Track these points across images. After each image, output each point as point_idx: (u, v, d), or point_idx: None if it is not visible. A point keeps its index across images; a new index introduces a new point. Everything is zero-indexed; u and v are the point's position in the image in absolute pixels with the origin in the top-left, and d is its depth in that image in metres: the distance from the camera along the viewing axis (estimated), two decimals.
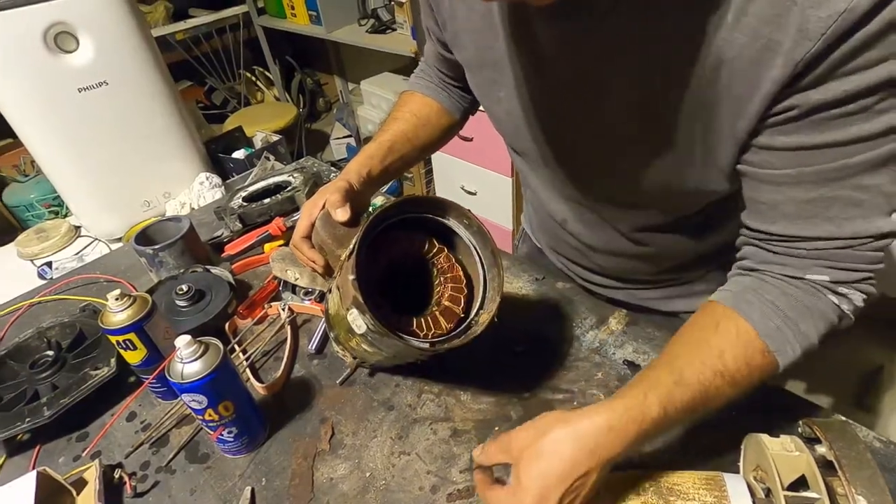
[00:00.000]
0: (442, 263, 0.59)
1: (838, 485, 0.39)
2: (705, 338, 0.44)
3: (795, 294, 0.43)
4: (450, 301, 0.57)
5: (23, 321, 0.86)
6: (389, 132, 0.71)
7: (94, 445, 0.64)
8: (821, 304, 0.43)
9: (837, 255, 0.42)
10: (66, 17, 0.99)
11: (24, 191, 1.73)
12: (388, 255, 0.57)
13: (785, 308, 0.43)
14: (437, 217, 0.58)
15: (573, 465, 0.39)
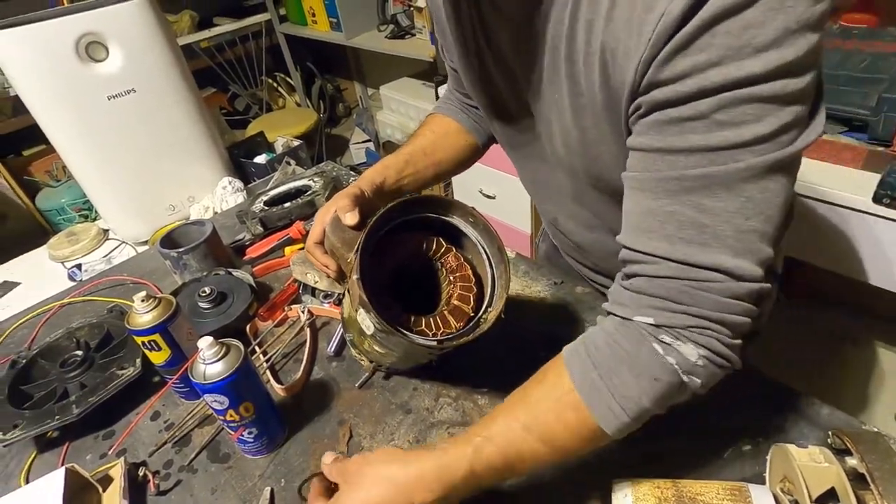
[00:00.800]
0: (450, 263, 0.59)
1: (871, 499, 0.38)
2: (529, 391, 0.42)
3: (619, 342, 0.39)
4: (459, 300, 0.57)
5: (54, 321, 0.89)
6: (408, 147, 0.73)
7: (119, 443, 0.65)
8: (643, 356, 0.38)
9: (671, 290, 0.37)
10: (97, 27, 1.02)
11: (56, 195, 1.79)
12: (395, 256, 0.58)
13: (605, 359, 0.39)
14: (442, 217, 0.59)
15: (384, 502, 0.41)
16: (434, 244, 0.59)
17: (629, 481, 0.45)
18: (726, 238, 0.36)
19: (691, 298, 0.37)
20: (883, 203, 0.87)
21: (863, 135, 0.97)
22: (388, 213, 0.55)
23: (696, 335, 0.37)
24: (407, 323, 0.54)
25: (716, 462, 0.53)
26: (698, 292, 0.37)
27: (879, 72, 0.94)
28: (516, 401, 0.42)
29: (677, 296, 0.37)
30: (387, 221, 0.56)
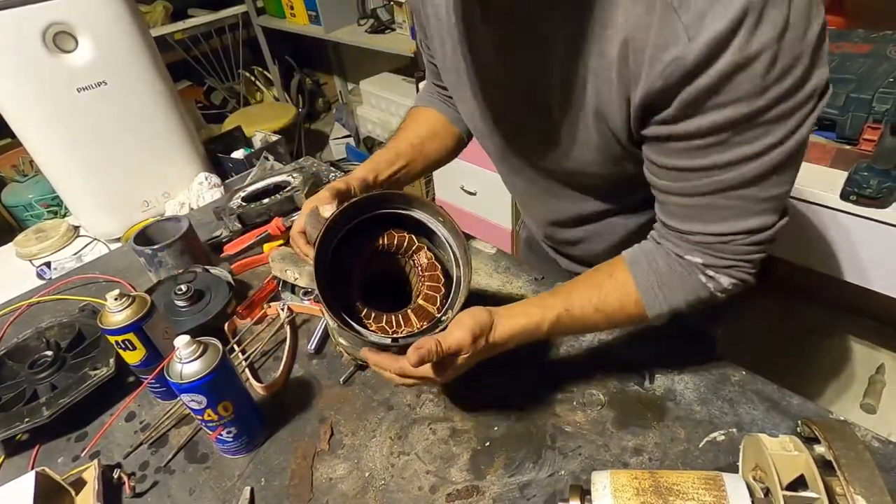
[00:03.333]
0: (421, 261, 0.59)
1: (837, 484, 0.39)
2: (599, 281, 0.55)
3: (675, 268, 0.52)
4: (424, 299, 0.57)
5: (22, 321, 0.86)
6: (395, 141, 0.73)
7: (93, 445, 0.64)
8: (692, 279, 0.52)
9: (711, 246, 0.50)
10: (64, 17, 0.99)
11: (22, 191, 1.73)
12: (364, 252, 0.58)
13: (664, 275, 0.52)
14: (412, 213, 0.59)
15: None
16: (406, 241, 0.59)
17: (608, 472, 0.46)
18: (750, 209, 0.46)
19: (727, 251, 0.49)
20: (850, 200, 0.90)
21: (831, 133, 1.00)
22: (352, 208, 0.55)
23: (731, 271, 0.50)
24: (367, 319, 0.55)
25: (691, 453, 0.55)
26: (732, 247, 0.49)
27: (847, 72, 0.97)
28: (591, 287, 0.55)
29: (716, 250, 0.50)
30: (353, 216, 0.56)
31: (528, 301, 0.56)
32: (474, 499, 0.54)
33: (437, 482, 0.55)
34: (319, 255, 0.53)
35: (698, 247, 0.50)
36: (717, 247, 0.49)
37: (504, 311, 0.53)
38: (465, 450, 0.58)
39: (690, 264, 0.51)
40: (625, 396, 0.62)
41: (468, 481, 0.55)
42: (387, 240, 0.58)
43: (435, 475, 0.56)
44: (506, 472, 0.56)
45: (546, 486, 0.54)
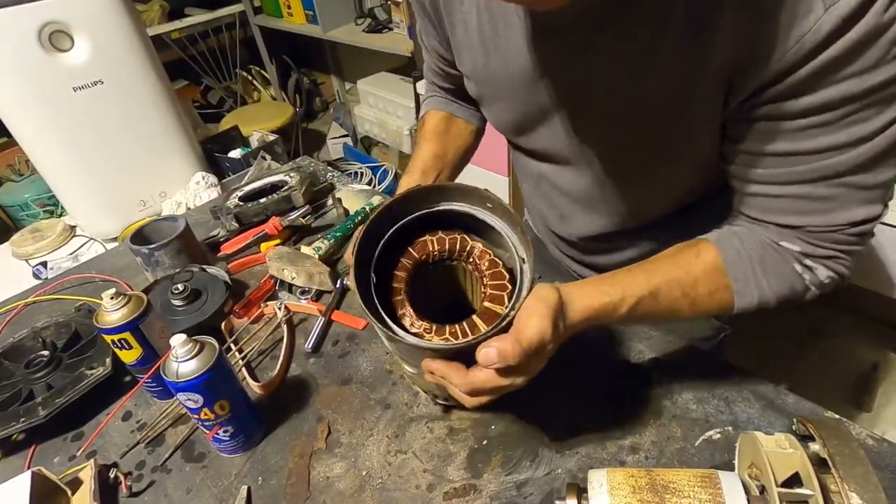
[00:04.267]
0: (479, 261, 0.53)
1: (832, 482, 0.39)
2: (686, 263, 0.49)
3: (770, 254, 0.48)
4: (491, 301, 0.50)
5: (18, 321, 0.86)
6: (419, 158, 0.72)
7: (89, 445, 0.63)
8: (787, 269, 0.47)
9: (811, 234, 0.46)
10: (60, 15, 0.99)
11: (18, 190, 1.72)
12: (413, 264, 0.52)
13: (757, 261, 0.47)
14: (454, 207, 0.53)
15: None
16: (458, 243, 0.53)
17: (604, 471, 0.46)
18: (856, 198, 0.42)
19: (828, 239, 0.45)
20: None
21: None
22: (386, 211, 0.50)
23: (830, 262, 0.47)
24: (427, 333, 0.49)
25: (687, 451, 0.55)
26: (836, 236, 0.45)
27: None
28: (677, 268, 0.49)
29: (816, 237, 0.46)
30: (391, 220, 0.51)
31: (600, 278, 0.49)
32: (471, 497, 0.54)
33: (435, 481, 0.56)
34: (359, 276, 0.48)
35: (796, 232, 0.46)
36: (817, 234, 0.45)
37: (575, 289, 0.46)
38: (462, 448, 0.58)
39: (786, 251, 0.47)
40: (621, 395, 0.62)
41: (465, 480, 0.55)
42: (436, 244, 0.53)
43: (432, 474, 0.56)
44: (503, 470, 0.56)
45: (543, 484, 0.54)
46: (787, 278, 0.47)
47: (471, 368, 0.44)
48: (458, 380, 0.44)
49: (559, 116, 0.56)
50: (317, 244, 0.89)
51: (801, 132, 0.40)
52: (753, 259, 0.48)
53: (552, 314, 0.42)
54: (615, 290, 0.47)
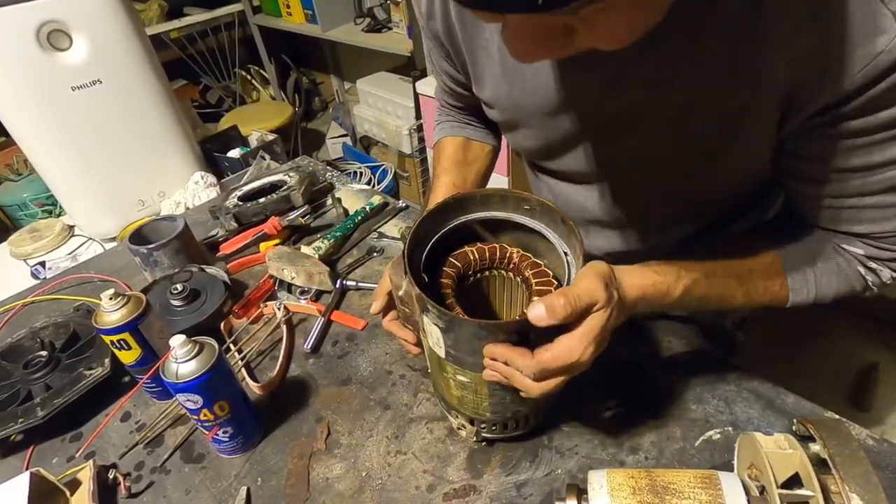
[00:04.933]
0: (517, 264, 0.52)
1: (832, 483, 0.39)
2: (743, 252, 0.49)
3: (831, 255, 0.48)
4: (539, 296, 0.47)
5: (16, 321, 0.86)
6: (439, 190, 0.70)
7: (88, 446, 0.63)
8: (850, 270, 0.47)
9: (876, 238, 0.46)
10: (59, 15, 0.98)
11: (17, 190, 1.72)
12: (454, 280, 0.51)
13: (818, 259, 0.48)
14: (492, 214, 0.52)
15: None
16: (497, 251, 0.52)
17: (604, 471, 0.46)
18: None
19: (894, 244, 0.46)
20: None
21: None
22: (425, 224, 0.50)
23: (894, 264, 0.47)
24: None
25: (687, 452, 0.55)
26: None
27: None
28: (732, 255, 0.49)
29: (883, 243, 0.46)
30: (431, 232, 0.51)
31: (655, 261, 0.47)
32: (471, 498, 0.54)
33: (435, 481, 0.55)
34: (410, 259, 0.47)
35: (861, 237, 0.46)
36: (883, 239, 0.46)
37: (629, 267, 0.45)
38: (461, 449, 0.58)
39: (850, 254, 0.48)
40: (621, 395, 0.62)
41: (465, 480, 0.55)
42: (476, 254, 0.52)
43: (432, 474, 0.56)
44: (503, 471, 0.56)
45: (543, 485, 0.54)
46: (849, 279, 0.48)
47: (537, 349, 0.42)
48: (524, 362, 0.41)
49: (586, 144, 0.56)
50: (316, 244, 0.89)
51: (873, 147, 0.40)
52: (813, 257, 0.48)
53: (603, 277, 0.41)
54: (669, 269, 0.46)
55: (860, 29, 0.35)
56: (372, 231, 0.97)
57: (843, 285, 0.48)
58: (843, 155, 0.42)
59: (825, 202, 0.46)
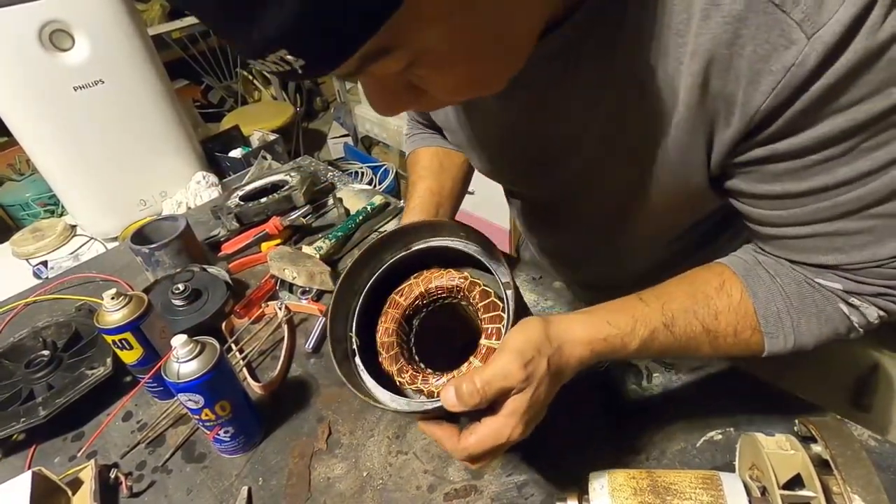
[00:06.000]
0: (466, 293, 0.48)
1: (834, 483, 0.39)
2: (706, 292, 0.43)
3: (808, 292, 0.42)
4: (489, 337, 0.45)
5: (18, 321, 0.86)
6: (416, 196, 0.68)
7: (89, 445, 0.63)
8: (830, 308, 0.41)
9: (851, 271, 0.40)
10: (61, 15, 0.99)
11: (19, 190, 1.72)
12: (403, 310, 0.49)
13: (793, 298, 0.42)
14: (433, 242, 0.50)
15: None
16: (444, 277, 0.49)
17: (605, 472, 0.46)
18: (892, 230, 0.37)
19: (875, 274, 0.39)
20: None
21: None
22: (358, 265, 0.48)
23: (880, 301, 0.41)
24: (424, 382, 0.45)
25: (688, 452, 0.55)
26: (882, 270, 0.39)
27: None
28: (694, 297, 0.43)
29: (860, 274, 0.40)
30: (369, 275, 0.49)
31: (608, 307, 0.44)
32: (472, 498, 0.54)
33: (436, 481, 0.55)
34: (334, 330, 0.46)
35: (835, 270, 0.40)
36: (859, 271, 0.39)
37: (575, 321, 0.42)
38: None
39: (827, 290, 0.41)
40: (622, 395, 0.62)
41: (466, 481, 0.55)
42: (422, 285, 0.49)
43: (433, 474, 0.56)
44: (503, 471, 0.56)
45: (544, 485, 0.54)
46: (832, 321, 0.41)
47: (463, 431, 0.41)
48: (451, 446, 0.41)
49: (529, 169, 0.55)
50: (318, 244, 0.89)
51: (811, 168, 0.35)
52: (788, 297, 0.42)
53: (527, 352, 0.38)
54: (624, 318, 0.41)
55: (764, 44, 0.31)
56: (373, 231, 0.97)
57: (825, 329, 0.42)
58: (780, 180, 0.37)
59: (781, 231, 0.41)
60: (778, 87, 0.32)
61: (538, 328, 0.40)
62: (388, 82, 0.34)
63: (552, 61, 0.41)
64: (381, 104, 0.36)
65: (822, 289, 0.41)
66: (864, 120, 0.32)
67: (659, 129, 0.40)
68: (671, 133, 0.40)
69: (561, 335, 0.40)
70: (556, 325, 0.41)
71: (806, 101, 0.32)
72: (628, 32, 0.37)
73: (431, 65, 0.31)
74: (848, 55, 0.29)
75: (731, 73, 0.34)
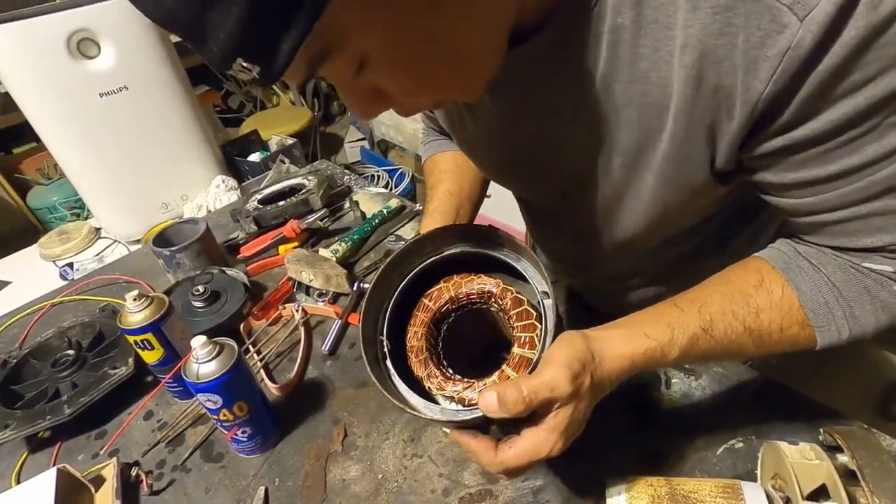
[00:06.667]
0: (498, 299, 0.48)
1: (861, 495, 0.38)
2: (745, 290, 0.41)
3: (857, 278, 0.39)
4: (521, 346, 0.44)
5: (45, 321, 0.88)
6: (436, 198, 0.68)
7: (112, 443, 0.65)
8: (884, 293, 0.39)
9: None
10: (88, 24, 1.01)
11: (47, 193, 1.78)
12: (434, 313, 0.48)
13: (841, 286, 0.39)
14: (472, 249, 0.49)
15: None
16: (475, 283, 0.48)
17: (623, 480, 0.45)
18: None
19: None
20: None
21: None
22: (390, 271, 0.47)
23: None
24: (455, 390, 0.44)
25: (709, 460, 0.54)
26: None
27: None
28: (733, 297, 0.41)
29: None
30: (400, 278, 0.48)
31: (642, 316, 0.43)
32: (487, 503, 0.53)
33: (450, 485, 0.55)
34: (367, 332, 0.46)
35: (881, 252, 0.38)
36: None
37: (612, 335, 0.41)
38: None
39: (876, 273, 0.39)
40: (642, 402, 0.61)
41: (481, 485, 0.55)
42: (452, 290, 0.48)
43: (448, 478, 0.56)
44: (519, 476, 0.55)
45: (560, 491, 0.53)
46: (888, 306, 0.39)
47: (500, 444, 0.40)
48: (488, 459, 0.40)
49: (525, 170, 0.55)
50: (334, 247, 0.90)
51: (836, 150, 0.34)
52: (836, 286, 0.40)
53: (574, 366, 0.38)
54: (661, 329, 0.40)
55: (755, 31, 0.30)
56: (389, 234, 0.98)
57: (882, 316, 0.39)
58: (807, 167, 0.36)
59: (817, 219, 0.39)
60: (777, 73, 0.31)
61: (582, 343, 0.39)
62: (355, 87, 0.35)
63: (537, 62, 0.41)
64: (356, 107, 0.37)
65: (872, 273, 0.39)
66: (885, 95, 0.31)
67: (653, 125, 0.40)
68: (668, 127, 0.39)
69: (602, 350, 0.40)
70: (597, 340, 0.40)
71: (814, 84, 0.31)
72: (614, 30, 0.36)
73: (379, 69, 0.33)
74: (850, 32, 0.29)
75: (725, 63, 0.33)
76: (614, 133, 0.42)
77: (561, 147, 0.48)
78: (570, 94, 0.42)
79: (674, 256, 0.61)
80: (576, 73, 0.40)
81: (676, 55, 0.35)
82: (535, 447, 0.38)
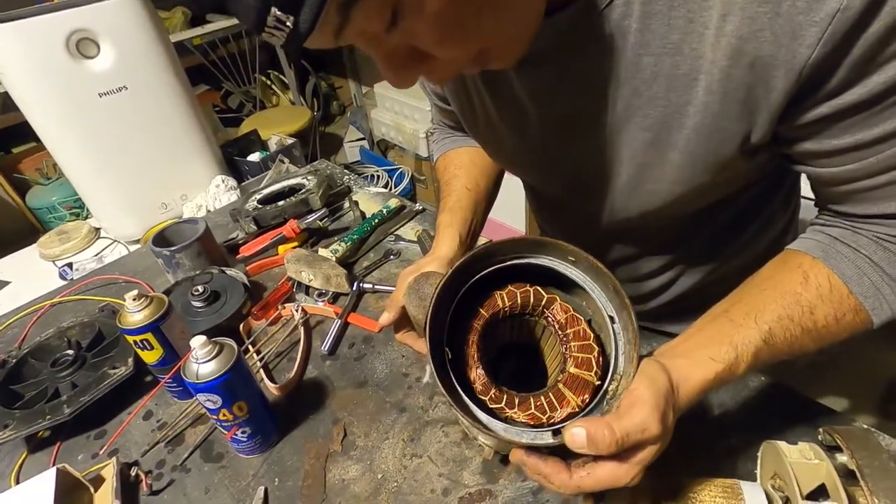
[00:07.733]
0: (557, 316, 0.46)
1: (860, 495, 0.38)
2: (794, 290, 0.41)
3: (894, 250, 0.40)
4: (577, 365, 0.43)
5: (44, 321, 0.88)
6: (452, 193, 0.69)
7: (111, 443, 0.65)
8: None
9: None
10: (87, 23, 1.01)
11: (46, 193, 1.78)
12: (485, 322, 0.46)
13: (884, 265, 0.40)
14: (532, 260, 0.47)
15: None
16: (531, 295, 0.46)
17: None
18: None
19: None
20: None
21: None
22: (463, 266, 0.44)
23: None
24: (508, 407, 0.42)
25: (708, 459, 0.54)
26: None
27: None
28: (784, 300, 0.41)
29: None
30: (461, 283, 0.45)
31: (699, 338, 0.42)
32: (487, 503, 0.53)
33: (450, 485, 0.55)
34: (433, 338, 0.43)
35: None
36: None
37: (686, 364, 0.40)
38: (477, 453, 0.58)
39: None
40: None
41: (481, 485, 0.55)
42: (507, 300, 0.46)
43: (447, 478, 0.56)
44: (518, 476, 0.55)
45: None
46: None
47: (575, 467, 0.39)
48: (560, 479, 0.39)
49: (546, 152, 0.55)
50: (334, 247, 0.90)
51: (881, 113, 0.34)
52: (877, 265, 0.40)
53: (662, 405, 0.37)
54: (725, 349, 0.40)
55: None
56: (389, 234, 0.98)
57: None
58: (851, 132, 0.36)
59: (856, 186, 0.39)
60: (825, 37, 0.31)
61: (663, 377, 0.39)
62: (388, 46, 0.34)
63: (571, 32, 0.41)
64: (391, 72, 0.36)
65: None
66: None
67: (681, 99, 0.39)
68: (698, 99, 0.38)
69: (679, 382, 0.40)
70: (674, 370, 0.40)
71: (864, 48, 0.31)
72: (647, 0, 0.36)
73: (416, 13, 0.31)
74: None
75: (766, 32, 0.32)
76: (643, 108, 0.42)
77: (587, 126, 0.47)
78: (602, 67, 0.41)
79: (684, 241, 0.61)
80: (607, 45, 0.40)
81: (713, 24, 0.34)
82: (615, 478, 0.38)
